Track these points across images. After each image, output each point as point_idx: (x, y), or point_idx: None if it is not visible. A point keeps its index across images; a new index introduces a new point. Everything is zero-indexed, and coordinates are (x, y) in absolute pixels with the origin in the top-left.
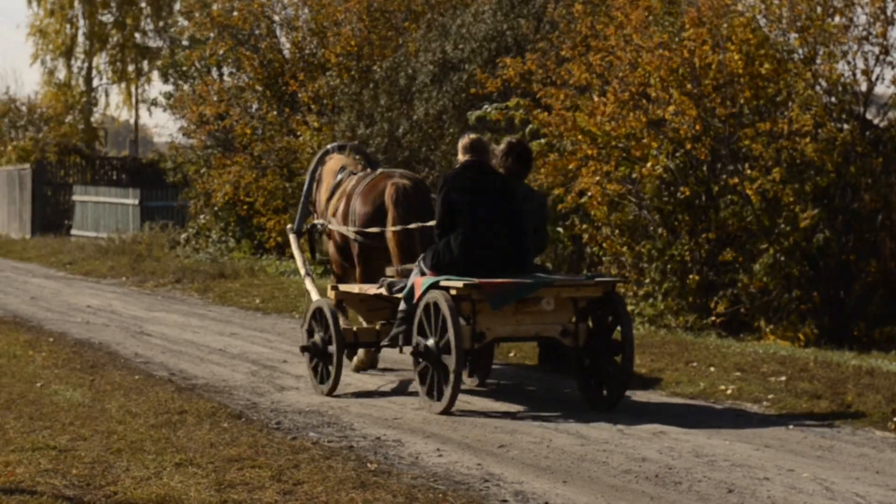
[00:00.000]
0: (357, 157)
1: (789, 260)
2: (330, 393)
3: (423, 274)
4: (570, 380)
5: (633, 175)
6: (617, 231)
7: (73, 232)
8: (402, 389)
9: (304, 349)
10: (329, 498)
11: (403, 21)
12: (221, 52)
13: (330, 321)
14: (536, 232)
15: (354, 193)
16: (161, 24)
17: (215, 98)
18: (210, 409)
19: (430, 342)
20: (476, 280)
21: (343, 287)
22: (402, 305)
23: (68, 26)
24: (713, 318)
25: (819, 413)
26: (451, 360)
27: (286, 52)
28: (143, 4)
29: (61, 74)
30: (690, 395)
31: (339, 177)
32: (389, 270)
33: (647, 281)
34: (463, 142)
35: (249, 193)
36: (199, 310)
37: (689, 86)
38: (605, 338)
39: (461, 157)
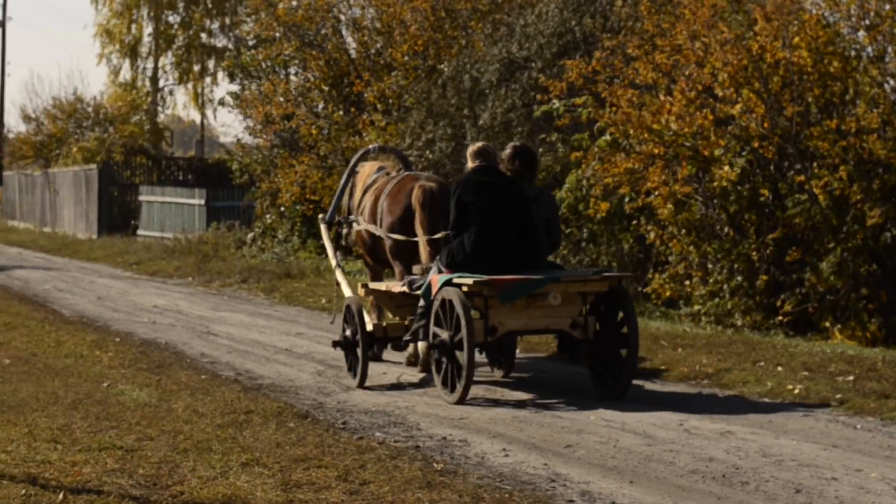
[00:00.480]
0: (396, 159)
1: (857, 259)
2: (360, 385)
3: (439, 271)
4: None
5: (701, 174)
6: (683, 230)
7: (140, 232)
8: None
9: (335, 344)
10: (395, 498)
11: (469, 20)
12: (288, 52)
13: (356, 318)
14: (549, 230)
15: (382, 194)
16: (227, 22)
17: (281, 98)
18: (276, 408)
19: (445, 336)
20: (486, 277)
21: (372, 285)
22: (422, 301)
23: (133, 26)
24: (780, 317)
25: (887, 412)
26: (463, 354)
27: (352, 52)
28: (209, 5)
29: (127, 74)
30: (757, 394)
31: (375, 176)
32: (416, 269)
33: (714, 280)
34: (471, 149)
35: (315, 193)
36: (265, 310)
37: (756, 83)
38: (613, 330)
39: (470, 164)
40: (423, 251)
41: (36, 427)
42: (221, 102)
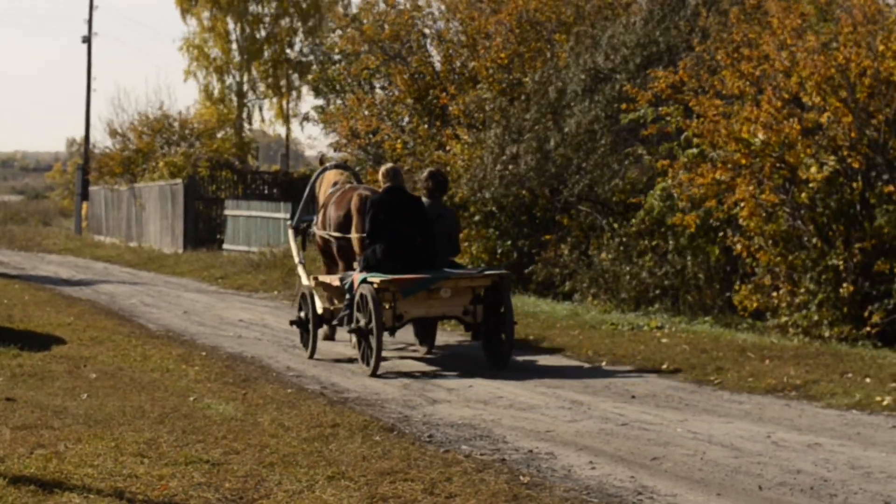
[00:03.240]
0: (348, 174)
1: None
2: (310, 357)
3: (360, 272)
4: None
5: (787, 185)
6: (770, 242)
7: (225, 246)
8: (554, 402)
9: (292, 323)
10: None
11: (553, 33)
12: (373, 67)
13: (309, 302)
14: (451, 239)
15: (329, 203)
16: (313, 39)
17: (366, 112)
18: (362, 422)
19: (362, 322)
20: (390, 277)
21: (320, 277)
22: (347, 295)
23: (221, 42)
24: (868, 328)
25: None
26: (373, 336)
27: (437, 65)
28: (295, 20)
29: (215, 90)
30: (845, 406)
31: (331, 191)
32: (356, 266)
33: (801, 292)
34: (383, 170)
35: None
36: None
37: (843, 92)
38: (496, 315)
39: (382, 182)
40: (356, 247)
41: (123, 441)
42: (307, 118)
